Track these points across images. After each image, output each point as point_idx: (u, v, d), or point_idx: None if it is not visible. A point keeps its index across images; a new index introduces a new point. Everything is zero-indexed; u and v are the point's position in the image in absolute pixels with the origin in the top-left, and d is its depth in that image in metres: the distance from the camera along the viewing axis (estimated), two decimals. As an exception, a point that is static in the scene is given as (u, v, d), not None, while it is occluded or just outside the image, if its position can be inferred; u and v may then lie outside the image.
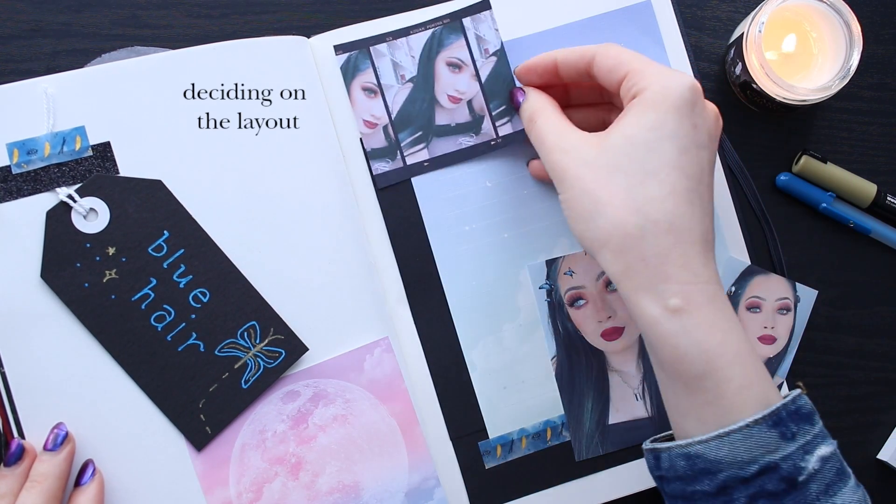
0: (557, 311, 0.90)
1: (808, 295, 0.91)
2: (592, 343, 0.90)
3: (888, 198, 0.94)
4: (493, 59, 0.92)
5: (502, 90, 0.92)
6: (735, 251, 0.92)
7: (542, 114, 0.83)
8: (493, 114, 0.91)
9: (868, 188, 0.94)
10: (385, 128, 0.91)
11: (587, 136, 0.78)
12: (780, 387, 0.91)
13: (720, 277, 0.82)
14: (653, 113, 0.74)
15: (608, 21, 0.93)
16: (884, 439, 0.94)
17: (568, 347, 0.90)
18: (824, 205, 0.93)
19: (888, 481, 0.94)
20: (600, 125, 0.87)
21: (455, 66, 0.92)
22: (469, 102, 0.92)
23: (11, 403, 0.82)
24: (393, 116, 0.91)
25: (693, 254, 0.73)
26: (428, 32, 0.92)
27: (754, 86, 0.89)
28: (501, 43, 0.92)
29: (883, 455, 0.93)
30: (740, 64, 0.90)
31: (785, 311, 0.91)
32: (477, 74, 0.92)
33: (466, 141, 0.91)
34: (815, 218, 0.95)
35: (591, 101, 0.90)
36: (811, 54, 0.90)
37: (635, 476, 0.90)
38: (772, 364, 0.90)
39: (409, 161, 0.91)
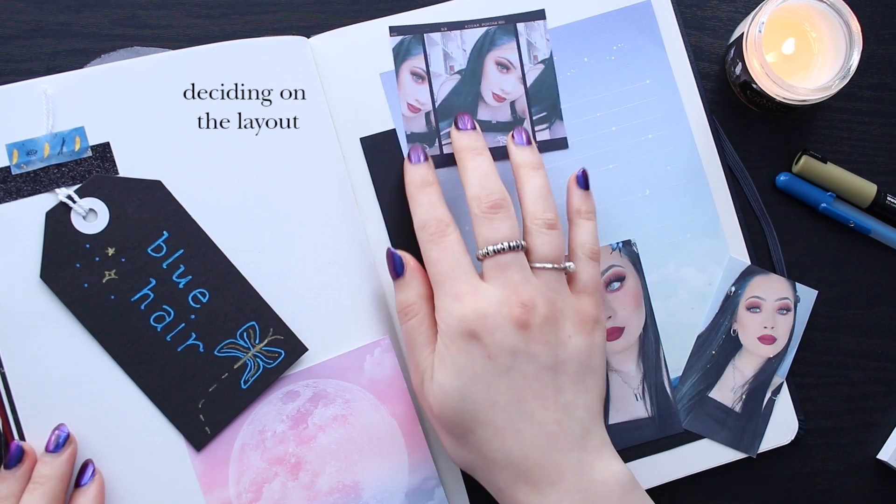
0: None
1: (808, 295, 0.91)
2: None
3: (888, 198, 0.94)
4: (541, 66, 0.92)
5: (545, 97, 0.92)
6: (735, 251, 0.92)
7: (419, 312, 0.84)
8: (534, 118, 0.92)
9: (868, 188, 0.94)
10: (427, 114, 0.91)
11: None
12: (779, 388, 0.91)
13: (722, 276, 0.83)
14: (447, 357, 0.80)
15: (608, 21, 0.94)
16: (884, 439, 0.94)
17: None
18: (824, 205, 0.93)
19: (888, 481, 0.94)
20: None
21: (504, 66, 0.92)
22: (512, 104, 0.92)
23: (11, 403, 0.82)
24: (437, 104, 0.91)
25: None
26: (482, 30, 0.92)
27: (754, 86, 0.89)
28: (551, 52, 0.92)
29: (883, 455, 0.93)
30: (740, 64, 0.90)
31: (785, 311, 0.91)
32: (523, 78, 0.92)
33: (505, 140, 0.91)
34: (815, 218, 0.95)
35: None
36: (811, 54, 0.90)
37: (636, 475, 0.90)
38: (772, 364, 0.91)
39: (447, 150, 0.91)
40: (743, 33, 0.88)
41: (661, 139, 0.93)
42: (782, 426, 0.92)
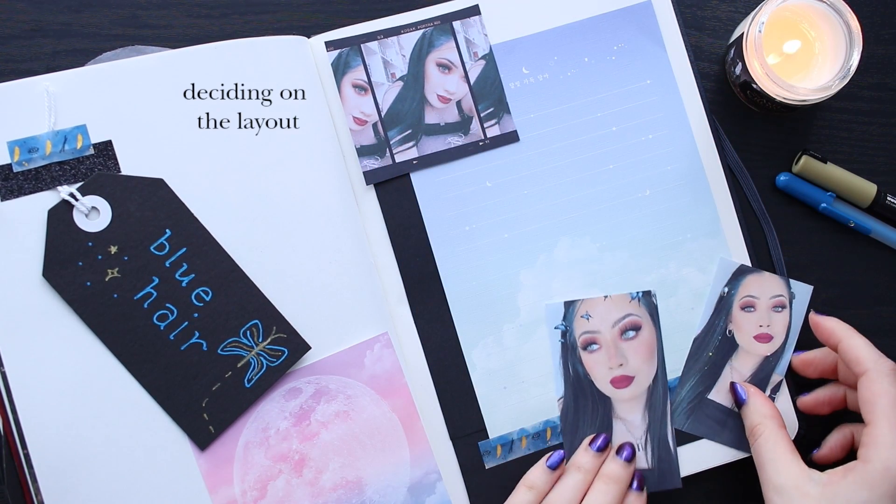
0: (570, 352, 0.90)
1: (802, 291, 0.91)
2: (601, 389, 0.90)
3: (888, 198, 0.94)
4: (482, 62, 0.92)
5: (490, 92, 0.92)
6: (735, 251, 0.92)
7: (762, 432, 0.84)
8: (482, 115, 0.92)
9: (868, 188, 0.94)
10: (375, 125, 0.91)
11: (807, 476, 0.79)
12: (778, 385, 0.91)
13: (715, 278, 0.83)
14: (867, 492, 0.76)
15: (609, 21, 0.94)
16: (884, 439, 0.94)
17: (576, 390, 0.90)
18: (824, 205, 0.93)
19: (888, 481, 0.94)
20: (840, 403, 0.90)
21: (444, 66, 0.92)
22: (458, 103, 0.92)
23: (11, 403, 0.82)
24: (383, 114, 0.91)
25: None
26: (418, 33, 0.92)
27: (754, 86, 0.89)
28: (490, 47, 0.92)
29: (883, 455, 0.93)
30: (740, 64, 0.90)
31: (780, 309, 0.91)
32: (466, 76, 0.92)
33: (455, 140, 0.92)
34: (815, 218, 0.95)
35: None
36: (811, 54, 0.90)
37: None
38: (770, 362, 0.91)
39: (399, 159, 0.91)
40: (743, 33, 0.89)
41: (662, 139, 0.93)
42: (782, 426, 0.92)
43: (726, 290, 0.90)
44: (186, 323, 0.84)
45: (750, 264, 0.92)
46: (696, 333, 0.91)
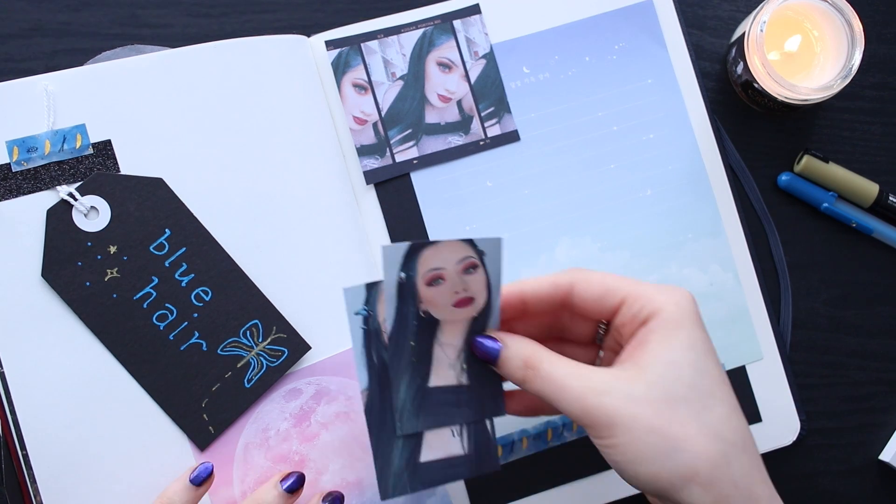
0: (373, 339, 0.83)
1: (491, 245, 0.82)
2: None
3: (890, 197, 0.93)
4: (483, 61, 0.92)
5: (491, 91, 0.92)
6: (736, 251, 0.92)
7: (542, 358, 0.76)
8: (482, 114, 0.92)
9: (870, 188, 0.93)
10: (375, 125, 0.91)
11: (611, 371, 0.73)
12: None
13: (384, 269, 0.79)
14: (682, 332, 0.72)
15: (609, 20, 0.94)
16: (885, 440, 0.94)
17: (381, 380, 0.83)
18: (826, 205, 0.93)
19: (889, 482, 0.94)
20: None
21: (445, 66, 0.92)
22: (458, 102, 0.92)
23: (10, 404, 0.82)
24: (383, 113, 0.91)
25: (762, 466, 0.72)
26: (419, 32, 0.92)
27: (756, 85, 0.89)
28: (491, 47, 0.92)
29: (885, 456, 0.93)
30: (742, 63, 0.90)
31: (472, 270, 0.82)
32: (466, 75, 0.92)
33: (455, 140, 0.91)
34: (816, 218, 0.95)
35: (534, 335, 0.83)
36: (813, 53, 0.90)
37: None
38: (479, 322, 0.82)
39: (399, 158, 0.91)
40: (744, 32, 0.88)
41: (663, 139, 0.93)
42: (784, 427, 0.92)
43: (403, 274, 0.81)
44: (186, 323, 0.84)
45: (750, 264, 0.92)
46: (386, 331, 0.83)
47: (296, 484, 0.82)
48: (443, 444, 0.83)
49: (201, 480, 0.81)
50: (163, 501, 0.80)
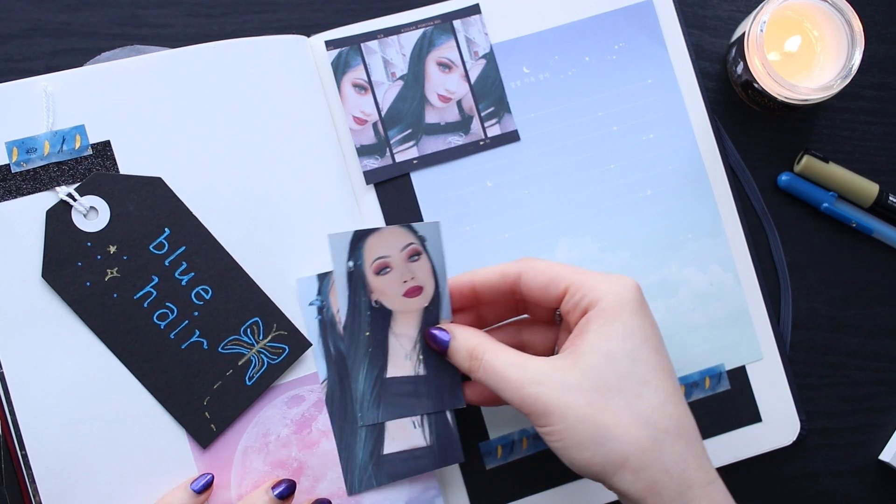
0: (329, 329, 0.86)
1: (430, 229, 0.85)
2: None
3: (890, 197, 0.93)
4: (483, 61, 0.92)
5: (491, 91, 0.92)
6: (737, 251, 0.92)
7: (485, 349, 0.78)
8: (482, 114, 0.92)
9: (870, 188, 0.93)
10: (375, 125, 0.91)
11: (550, 360, 0.75)
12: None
13: (334, 258, 0.81)
14: (617, 323, 0.74)
15: (609, 21, 0.94)
16: (885, 440, 0.94)
17: (340, 371, 0.86)
18: (826, 205, 0.93)
19: (890, 482, 0.94)
20: (518, 346, 0.85)
21: (445, 66, 0.92)
22: (458, 102, 0.92)
23: (10, 405, 0.82)
24: (383, 113, 0.91)
25: (701, 451, 0.74)
26: (419, 32, 0.92)
27: (756, 85, 0.89)
28: (491, 47, 0.92)
29: (884, 456, 0.93)
30: (742, 63, 0.90)
31: (416, 257, 0.85)
32: (466, 75, 0.92)
33: (455, 140, 0.91)
34: (816, 218, 0.95)
35: (501, 317, 0.88)
36: (813, 53, 0.90)
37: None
38: (431, 312, 0.85)
39: (399, 158, 0.91)
40: (744, 32, 0.88)
41: (663, 139, 0.93)
42: (784, 427, 0.92)
43: (351, 263, 0.84)
44: (187, 322, 0.84)
45: (750, 264, 0.92)
46: (340, 322, 0.86)
47: (287, 491, 0.83)
48: (405, 435, 0.85)
49: (202, 488, 0.82)
50: None
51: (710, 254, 0.92)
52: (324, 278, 0.84)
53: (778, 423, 0.92)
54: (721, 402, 0.92)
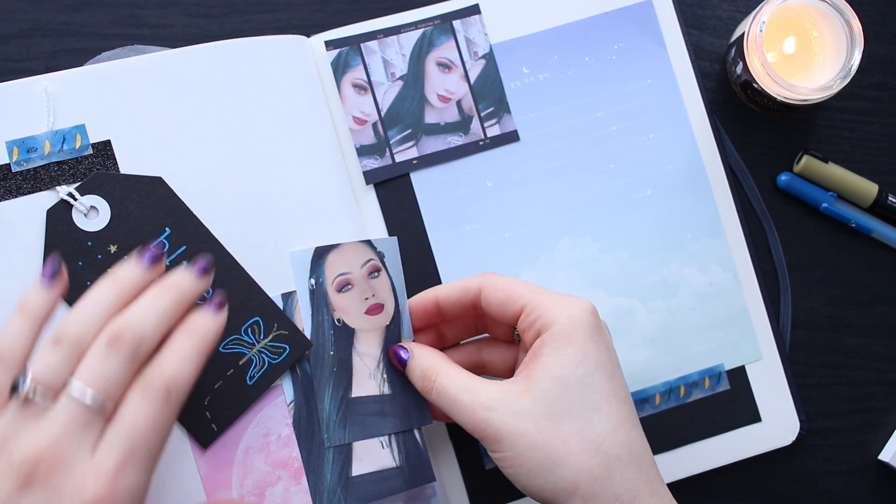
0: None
1: (389, 245, 0.86)
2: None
3: (890, 198, 0.94)
4: (482, 61, 0.92)
5: (491, 91, 0.92)
6: (736, 251, 0.92)
7: (439, 371, 0.78)
8: (482, 114, 0.92)
9: (869, 188, 0.93)
10: (374, 125, 0.91)
11: (503, 385, 0.75)
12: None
13: (295, 275, 0.82)
14: (571, 348, 0.74)
15: (609, 21, 0.94)
16: (885, 440, 0.94)
17: (306, 392, 0.84)
18: (825, 205, 0.93)
19: (889, 482, 0.94)
20: (478, 365, 0.86)
21: (445, 66, 0.92)
22: (458, 102, 0.92)
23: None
24: (383, 113, 0.91)
25: (654, 476, 0.73)
26: (419, 32, 0.92)
27: (755, 85, 0.89)
28: (490, 47, 0.92)
29: (884, 456, 0.93)
30: (741, 63, 0.90)
31: (376, 273, 0.85)
32: (466, 75, 0.92)
33: (455, 140, 0.92)
34: (816, 218, 0.95)
35: (462, 336, 0.88)
36: (812, 54, 0.90)
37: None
38: (392, 331, 0.85)
39: (399, 158, 0.91)
40: (744, 33, 0.89)
41: (662, 139, 0.93)
42: (783, 427, 0.92)
43: (313, 281, 0.85)
44: (187, 321, 0.84)
45: (750, 264, 0.92)
46: (308, 336, 0.85)
47: (156, 255, 0.73)
48: (373, 456, 0.83)
49: (52, 275, 0.71)
50: (19, 307, 0.70)
51: (709, 254, 0.92)
52: (287, 297, 0.84)
53: (777, 423, 0.92)
54: (720, 402, 0.92)
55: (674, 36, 0.94)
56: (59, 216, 0.82)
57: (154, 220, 0.84)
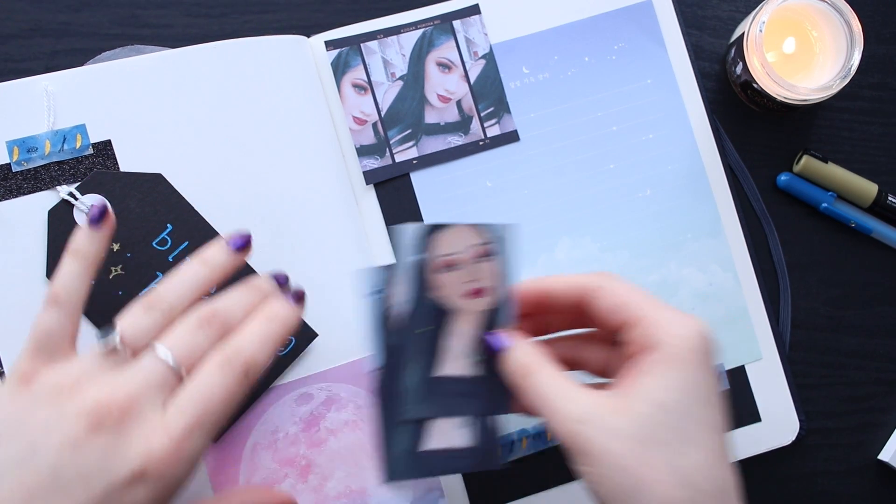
0: (386, 322, 0.82)
1: (506, 231, 0.82)
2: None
3: (889, 198, 0.94)
4: (482, 61, 0.92)
5: (491, 92, 0.92)
6: (736, 251, 0.92)
7: (536, 369, 0.75)
8: (482, 114, 0.92)
9: (869, 188, 0.94)
10: (374, 125, 0.91)
11: (598, 397, 0.71)
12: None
13: (398, 251, 0.79)
14: (677, 373, 0.70)
15: (609, 21, 0.94)
16: (885, 440, 0.94)
17: (391, 363, 0.82)
18: (825, 205, 0.93)
19: (889, 482, 0.94)
20: (573, 361, 0.82)
21: (445, 66, 0.92)
22: (458, 103, 0.92)
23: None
24: (383, 114, 0.91)
25: None
26: (419, 32, 0.92)
27: (755, 85, 0.89)
28: (490, 47, 0.92)
29: (884, 456, 0.93)
30: (741, 63, 0.90)
31: (484, 258, 0.82)
32: (466, 76, 0.92)
33: (455, 140, 0.92)
34: (815, 218, 0.95)
35: (561, 327, 0.84)
36: (812, 54, 0.90)
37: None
38: (491, 317, 0.82)
39: (399, 158, 0.91)
40: (744, 33, 0.89)
41: (662, 139, 0.93)
42: (783, 427, 0.92)
43: (417, 257, 0.81)
44: (192, 317, 0.84)
45: (750, 264, 0.92)
46: (400, 316, 0.81)
47: (243, 243, 0.78)
48: (446, 434, 0.82)
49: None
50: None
51: (709, 254, 0.92)
52: (385, 270, 0.83)
53: (777, 422, 0.92)
54: (720, 402, 0.92)
55: (674, 36, 0.94)
56: (60, 216, 0.83)
57: (155, 216, 0.84)
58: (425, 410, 0.81)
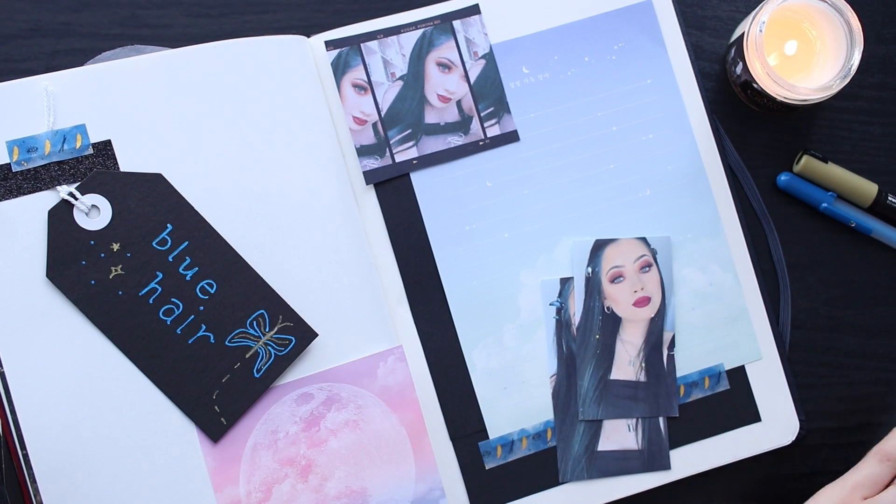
0: (563, 330, 0.90)
1: (662, 243, 0.92)
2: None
3: (889, 198, 0.94)
4: (482, 61, 0.92)
5: (490, 91, 0.93)
6: (736, 251, 0.92)
7: None
8: (482, 115, 0.92)
9: (869, 188, 0.94)
10: (374, 125, 0.91)
11: None
12: (672, 342, 0.91)
13: (574, 263, 0.86)
14: None
15: (609, 20, 0.94)
16: (884, 439, 0.94)
17: (568, 368, 0.90)
18: (825, 205, 0.93)
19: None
20: None
21: (444, 66, 0.92)
22: (458, 103, 0.92)
23: (11, 405, 0.81)
24: (383, 114, 0.91)
25: None
26: (419, 32, 0.92)
27: (755, 85, 0.89)
28: (490, 47, 0.92)
29: (884, 455, 0.93)
30: (741, 63, 0.90)
31: (647, 268, 0.91)
32: (466, 76, 0.92)
33: (455, 140, 0.92)
34: (816, 218, 0.95)
35: None
36: (812, 54, 0.90)
37: (636, 477, 0.90)
38: (656, 323, 0.91)
39: (399, 158, 0.91)
40: (744, 33, 0.89)
41: (662, 139, 0.93)
42: (783, 427, 0.92)
43: (590, 269, 0.91)
44: (193, 316, 0.84)
45: (750, 264, 0.92)
46: (575, 323, 0.91)
47: None
48: (619, 436, 0.90)
49: None
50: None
51: (709, 254, 0.92)
52: (565, 282, 0.90)
53: (777, 422, 0.92)
54: (720, 402, 0.92)
55: (674, 36, 0.94)
56: (60, 216, 0.83)
57: (155, 216, 0.84)
58: (600, 412, 0.89)
